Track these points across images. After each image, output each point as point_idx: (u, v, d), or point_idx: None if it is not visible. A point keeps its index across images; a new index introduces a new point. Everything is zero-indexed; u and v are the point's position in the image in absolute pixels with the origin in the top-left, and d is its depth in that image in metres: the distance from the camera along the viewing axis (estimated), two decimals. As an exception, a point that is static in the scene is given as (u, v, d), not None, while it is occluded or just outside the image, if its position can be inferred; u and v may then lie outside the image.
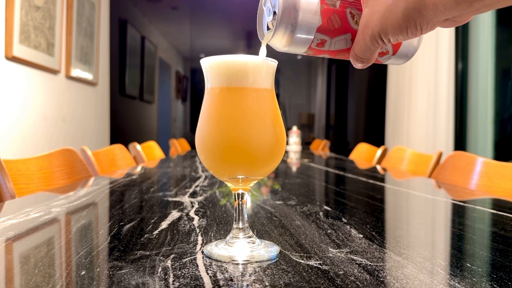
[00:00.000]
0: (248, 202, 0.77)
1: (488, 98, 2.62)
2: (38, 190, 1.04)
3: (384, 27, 0.35)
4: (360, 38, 0.37)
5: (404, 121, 3.11)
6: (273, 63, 0.48)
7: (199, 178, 1.18)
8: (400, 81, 3.20)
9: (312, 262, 0.43)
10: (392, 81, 3.34)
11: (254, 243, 0.47)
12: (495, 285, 0.37)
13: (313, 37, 0.39)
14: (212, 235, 0.54)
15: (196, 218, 0.65)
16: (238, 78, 0.45)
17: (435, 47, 2.77)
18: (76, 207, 0.75)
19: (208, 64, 0.46)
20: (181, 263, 0.42)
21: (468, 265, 0.43)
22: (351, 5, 0.39)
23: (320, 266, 0.41)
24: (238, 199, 0.48)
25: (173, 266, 0.41)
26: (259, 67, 0.46)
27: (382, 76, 3.60)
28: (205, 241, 0.51)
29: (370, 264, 0.42)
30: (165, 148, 3.29)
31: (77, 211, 0.71)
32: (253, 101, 0.46)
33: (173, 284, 0.36)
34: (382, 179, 1.30)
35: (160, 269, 0.40)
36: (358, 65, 0.40)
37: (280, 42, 0.41)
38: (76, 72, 2.86)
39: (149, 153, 2.28)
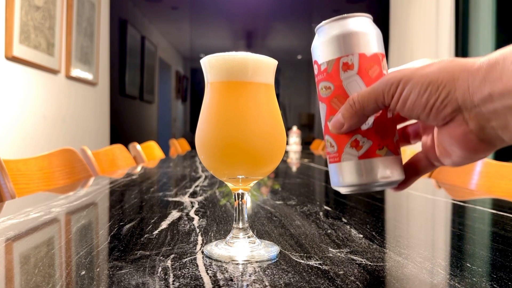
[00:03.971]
0: (248, 202, 0.77)
1: (488, 98, 2.62)
2: (38, 190, 1.04)
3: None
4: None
5: (404, 121, 3.11)
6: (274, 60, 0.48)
7: (199, 178, 1.18)
8: (400, 81, 3.20)
9: (312, 262, 0.43)
10: (392, 81, 3.34)
11: (254, 243, 0.47)
12: (495, 285, 0.37)
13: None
14: (212, 235, 0.54)
15: (196, 218, 0.65)
16: (238, 73, 0.45)
17: (435, 47, 2.77)
18: (76, 207, 0.75)
19: (207, 60, 0.46)
20: (181, 263, 0.42)
21: (468, 265, 0.43)
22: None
23: (320, 266, 0.41)
24: (238, 199, 0.48)
25: (173, 266, 0.41)
26: (259, 62, 0.46)
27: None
28: (205, 241, 0.51)
29: (370, 264, 0.42)
30: (165, 148, 3.29)
31: (77, 211, 0.71)
32: (253, 99, 0.46)
33: (173, 284, 0.36)
34: (382, 179, 1.30)
35: (160, 269, 0.40)
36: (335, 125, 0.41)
37: None
38: (76, 72, 2.86)
39: (149, 153, 2.28)
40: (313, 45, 0.43)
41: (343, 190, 0.43)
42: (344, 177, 0.41)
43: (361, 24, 0.42)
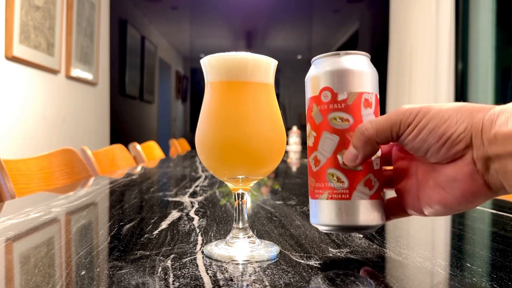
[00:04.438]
0: (248, 202, 0.77)
1: (488, 98, 2.62)
2: (38, 190, 1.04)
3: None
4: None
5: (404, 121, 3.11)
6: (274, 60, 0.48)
7: (199, 178, 1.18)
8: (400, 80, 3.20)
9: (312, 262, 0.43)
10: (392, 80, 3.34)
11: (254, 243, 0.47)
12: (495, 285, 0.37)
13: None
14: (212, 235, 0.54)
15: (196, 218, 0.65)
16: (238, 73, 0.45)
17: (435, 47, 2.77)
18: (76, 207, 0.75)
19: (208, 60, 0.46)
20: (181, 263, 0.42)
21: (468, 265, 0.43)
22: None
23: (320, 266, 0.41)
24: (238, 199, 0.48)
25: (173, 266, 0.41)
26: (259, 62, 0.46)
27: (382, 75, 3.60)
28: (205, 241, 0.51)
29: (370, 264, 0.42)
30: (165, 148, 3.29)
31: (77, 211, 0.71)
32: (253, 99, 0.46)
33: (173, 284, 0.36)
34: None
35: (160, 269, 0.40)
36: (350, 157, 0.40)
37: None
38: (76, 72, 2.86)
39: (149, 153, 2.28)
40: (330, 68, 0.41)
41: (327, 229, 0.42)
42: (348, 215, 0.40)
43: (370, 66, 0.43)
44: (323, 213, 0.41)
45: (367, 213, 0.40)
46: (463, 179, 0.35)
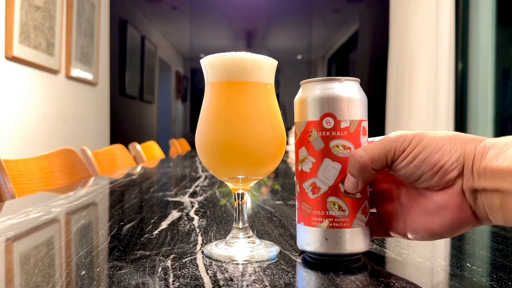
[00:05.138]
0: (248, 202, 0.77)
1: (488, 98, 2.62)
2: (38, 190, 1.04)
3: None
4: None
5: (404, 120, 3.11)
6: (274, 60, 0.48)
7: (199, 178, 1.18)
8: (400, 81, 3.20)
9: (312, 262, 0.43)
10: (392, 81, 3.34)
11: (254, 243, 0.47)
12: (495, 285, 0.37)
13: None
14: (212, 235, 0.54)
15: (196, 218, 0.65)
16: (238, 73, 0.45)
17: (435, 47, 2.77)
18: (76, 207, 0.75)
19: (208, 60, 0.46)
20: (181, 263, 0.42)
21: (468, 265, 0.43)
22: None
23: (320, 266, 0.41)
24: (238, 199, 0.48)
25: (173, 266, 0.41)
26: (259, 62, 0.46)
27: (382, 75, 3.60)
28: (205, 241, 0.51)
29: (370, 264, 0.42)
30: (165, 148, 3.29)
31: (77, 211, 0.71)
32: (253, 99, 0.46)
33: (173, 284, 0.36)
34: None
35: (160, 269, 0.40)
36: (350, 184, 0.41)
37: None
38: (76, 72, 2.86)
39: (149, 153, 2.28)
40: (333, 94, 0.41)
41: (322, 257, 0.42)
42: (348, 243, 0.41)
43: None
44: (321, 241, 0.41)
45: (363, 240, 0.41)
46: (453, 208, 0.36)
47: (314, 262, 0.43)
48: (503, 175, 0.32)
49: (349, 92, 0.41)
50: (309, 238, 0.42)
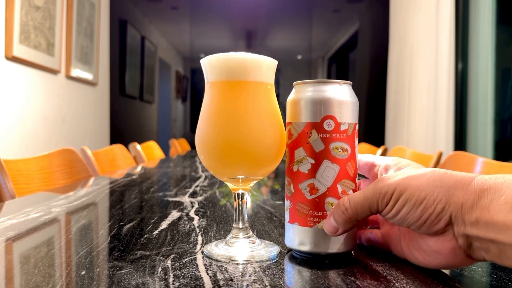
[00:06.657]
0: (248, 202, 0.77)
1: (488, 98, 2.62)
2: (38, 190, 1.04)
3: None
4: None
5: (404, 121, 3.11)
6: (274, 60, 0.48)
7: (199, 178, 1.18)
8: (400, 81, 3.20)
9: (312, 262, 0.43)
10: (392, 81, 3.34)
11: (254, 243, 0.47)
12: (495, 285, 0.37)
13: None
14: (212, 235, 0.54)
15: (196, 218, 0.65)
16: (238, 73, 0.45)
17: (435, 47, 2.77)
18: (76, 207, 0.75)
19: (208, 60, 0.46)
20: (181, 263, 0.42)
21: (468, 265, 0.43)
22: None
23: (320, 266, 0.41)
24: (238, 199, 0.48)
25: (173, 266, 0.41)
26: (259, 62, 0.46)
27: (382, 76, 3.60)
28: (205, 241, 0.51)
29: (370, 264, 0.42)
30: (165, 148, 3.29)
31: (77, 211, 0.71)
32: (253, 99, 0.45)
33: (173, 284, 0.36)
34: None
35: (160, 269, 0.40)
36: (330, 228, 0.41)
37: None
38: (76, 72, 2.86)
39: (149, 153, 2.28)
40: (334, 97, 0.41)
41: (316, 256, 0.43)
42: (345, 243, 0.42)
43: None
44: (319, 241, 0.42)
45: (354, 239, 0.43)
46: (446, 253, 0.36)
47: (314, 262, 0.43)
48: (499, 228, 0.31)
49: (348, 95, 0.42)
50: (304, 238, 0.42)
